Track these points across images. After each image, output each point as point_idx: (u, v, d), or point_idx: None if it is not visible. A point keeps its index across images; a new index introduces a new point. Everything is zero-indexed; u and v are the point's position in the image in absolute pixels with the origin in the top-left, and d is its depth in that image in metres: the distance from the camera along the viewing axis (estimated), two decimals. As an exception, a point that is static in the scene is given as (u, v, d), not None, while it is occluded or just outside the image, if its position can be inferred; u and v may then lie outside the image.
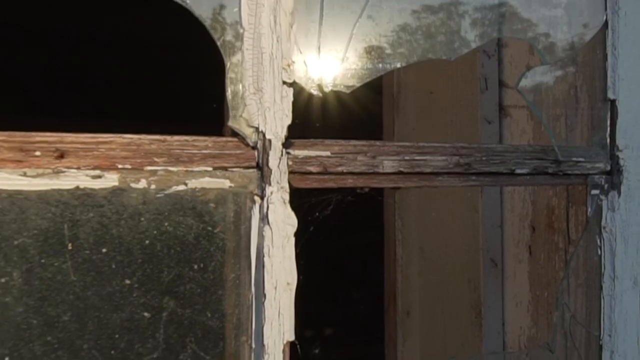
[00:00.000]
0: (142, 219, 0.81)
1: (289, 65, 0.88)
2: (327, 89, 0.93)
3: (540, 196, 1.41)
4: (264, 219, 0.87)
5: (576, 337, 1.21)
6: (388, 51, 0.98)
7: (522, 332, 1.46)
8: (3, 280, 0.75)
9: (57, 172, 0.78)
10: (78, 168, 0.78)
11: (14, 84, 3.53)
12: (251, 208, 0.88)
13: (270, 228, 0.87)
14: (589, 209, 1.12)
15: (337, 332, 3.25)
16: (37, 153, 0.77)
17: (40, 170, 0.77)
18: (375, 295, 2.04)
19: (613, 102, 1.13)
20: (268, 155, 0.87)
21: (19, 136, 0.76)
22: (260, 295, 0.87)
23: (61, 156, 0.78)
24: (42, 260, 0.77)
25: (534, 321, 1.44)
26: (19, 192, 0.77)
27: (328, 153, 0.92)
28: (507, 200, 1.53)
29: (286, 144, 0.88)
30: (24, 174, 0.76)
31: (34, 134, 0.77)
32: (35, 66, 3.72)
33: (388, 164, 0.97)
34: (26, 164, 0.76)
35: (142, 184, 0.82)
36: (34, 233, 0.76)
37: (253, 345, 0.88)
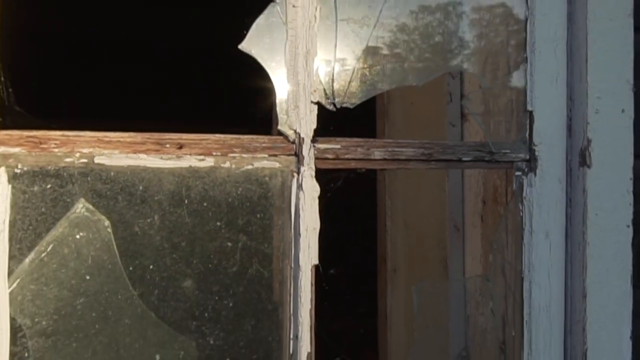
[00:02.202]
0: (227, 185, 1.33)
1: (314, 91, 1.38)
2: (338, 106, 1.44)
3: (488, 179, 1.89)
4: (299, 187, 1.37)
5: (510, 274, 1.70)
6: (377, 80, 1.49)
7: (477, 279, 1.97)
8: (149, 220, 1.27)
9: (179, 157, 1.29)
10: (190, 154, 1.30)
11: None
12: (291, 180, 1.38)
13: (303, 193, 1.37)
14: (515, 185, 1.55)
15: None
16: (167, 145, 1.29)
17: (169, 156, 1.28)
18: (369, 257, 2.55)
19: (531, 112, 1.54)
20: (302, 148, 1.37)
21: (156, 135, 1.28)
22: (297, 234, 1.37)
23: (181, 147, 1.29)
24: (170, 209, 1.29)
25: (485, 270, 1.94)
26: (158, 169, 1.29)
27: (339, 146, 1.41)
28: (466, 183, 2.03)
29: (313, 140, 1.38)
30: (161, 158, 1.28)
31: (165, 134, 1.28)
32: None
33: (377, 153, 1.44)
34: (161, 151, 1.28)
35: (227, 164, 1.33)
36: (166, 193, 1.28)
37: (292, 266, 1.38)
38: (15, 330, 1.18)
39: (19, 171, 1.17)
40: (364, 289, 2.82)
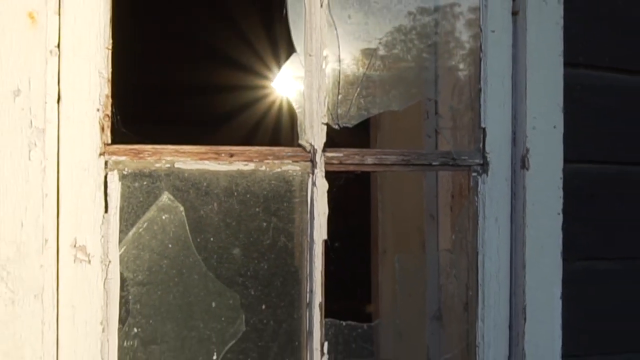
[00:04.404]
0: (263, 183, 1.75)
1: (324, 116, 1.70)
2: (341, 126, 1.87)
3: (455, 178, 2.27)
4: (314, 184, 1.68)
5: (470, 251, 2.11)
6: (370, 106, 1.99)
7: (447, 256, 2.44)
8: (210, 206, 1.75)
9: (230, 163, 1.62)
10: (238, 161, 1.62)
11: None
12: (308, 179, 1.69)
13: (317, 188, 1.68)
14: (472, 183, 1.83)
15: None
16: (222, 154, 1.62)
17: (224, 162, 1.62)
18: (363, 241, 3.01)
19: (484, 128, 1.81)
20: (315, 156, 1.68)
21: (215, 148, 1.62)
22: (312, 217, 1.68)
23: (231, 155, 1.63)
24: (224, 199, 1.75)
25: (453, 248, 2.39)
26: (216, 171, 1.64)
27: (341, 154, 1.71)
28: (440, 181, 2.39)
29: (323, 150, 1.67)
30: (218, 163, 1.61)
31: (221, 146, 1.66)
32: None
33: (370, 159, 1.74)
34: (219, 159, 1.62)
35: (263, 168, 1.65)
36: (222, 188, 1.75)
37: (308, 240, 1.67)
38: (123, 281, 1.65)
39: (125, 173, 1.63)
40: (360, 270, 3.29)
